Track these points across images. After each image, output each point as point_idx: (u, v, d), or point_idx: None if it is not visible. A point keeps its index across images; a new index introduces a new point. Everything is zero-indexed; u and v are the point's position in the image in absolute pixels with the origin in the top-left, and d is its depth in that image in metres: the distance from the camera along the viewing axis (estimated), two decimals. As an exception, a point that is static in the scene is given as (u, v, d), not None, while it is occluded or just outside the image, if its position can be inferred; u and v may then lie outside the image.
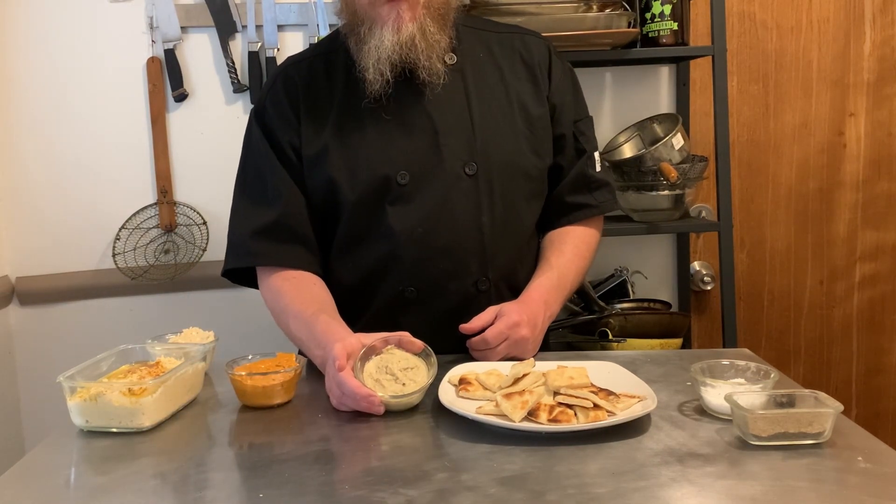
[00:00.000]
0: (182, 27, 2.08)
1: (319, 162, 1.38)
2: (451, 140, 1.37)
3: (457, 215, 1.36)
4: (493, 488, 0.87)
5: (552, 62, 1.48)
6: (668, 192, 1.96)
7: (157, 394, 1.09)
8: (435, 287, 1.37)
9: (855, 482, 0.87)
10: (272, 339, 1.53)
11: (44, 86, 2.08)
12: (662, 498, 0.85)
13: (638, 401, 1.07)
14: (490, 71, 1.44)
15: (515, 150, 1.41)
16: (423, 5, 1.33)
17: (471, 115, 1.39)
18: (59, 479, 0.97)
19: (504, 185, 1.39)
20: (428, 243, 1.35)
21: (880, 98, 2.28)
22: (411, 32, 1.31)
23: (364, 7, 1.33)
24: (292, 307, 1.33)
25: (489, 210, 1.38)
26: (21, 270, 2.12)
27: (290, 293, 1.36)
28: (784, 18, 2.25)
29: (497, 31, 1.49)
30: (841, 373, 2.38)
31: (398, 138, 1.37)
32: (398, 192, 1.35)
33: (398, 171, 1.35)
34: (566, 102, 1.48)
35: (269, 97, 1.43)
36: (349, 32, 1.38)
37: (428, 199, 1.35)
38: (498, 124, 1.40)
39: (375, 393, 1.09)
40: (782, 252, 2.33)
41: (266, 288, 1.41)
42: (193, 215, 2.12)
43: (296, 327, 1.32)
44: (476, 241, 1.37)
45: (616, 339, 1.89)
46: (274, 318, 1.40)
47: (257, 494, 0.88)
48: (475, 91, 1.41)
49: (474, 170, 1.37)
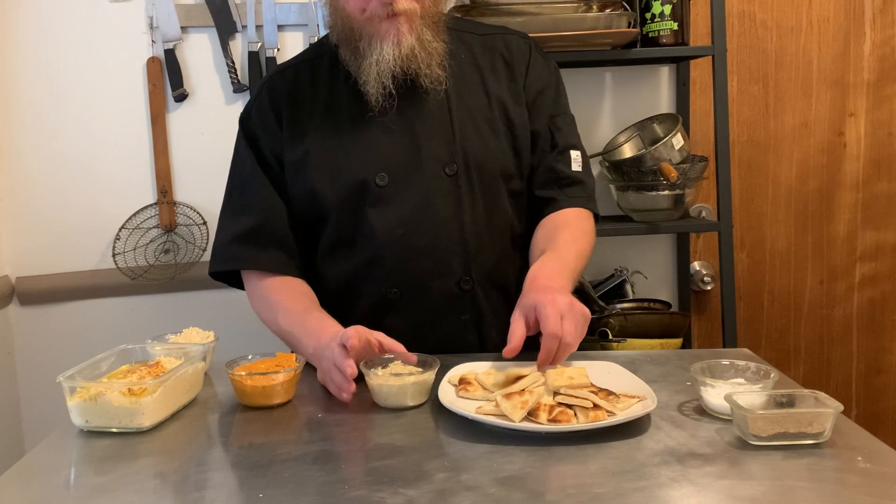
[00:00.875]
0: (182, 27, 2.08)
1: (301, 168, 1.40)
2: (430, 141, 1.38)
3: (437, 216, 1.37)
4: (492, 488, 0.87)
5: (531, 58, 1.47)
6: (668, 192, 1.96)
7: (156, 394, 1.09)
8: (418, 288, 1.37)
9: (855, 482, 0.87)
10: (272, 339, 1.52)
11: (44, 86, 2.08)
12: (662, 498, 0.85)
13: (638, 401, 1.07)
14: (470, 72, 1.44)
15: (496, 149, 1.41)
16: (419, 16, 1.34)
17: (451, 116, 1.39)
18: (59, 479, 0.97)
19: (485, 185, 1.40)
20: (409, 244, 1.36)
21: (880, 98, 2.28)
22: (411, 44, 1.33)
23: (361, 23, 1.34)
24: (283, 304, 1.37)
25: (471, 210, 1.38)
26: (21, 270, 2.12)
27: (279, 292, 1.40)
28: (784, 18, 2.25)
29: (480, 34, 1.49)
30: (841, 373, 2.38)
31: (378, 141, 1.38)
32: (377, 194, 1.37)
33: (377, 174, 1.37)
34: (543, 97, 1.46)
35: (254, 105, 1.47)
36: (343, 45, 1.39)
37: (407, 201, 1.37)
38: (478, 124, 1.41)
39: (355, 371, 1.11)
40: (782, 252, 2.33)
41: (252, 290, 1.45)
42: (193, 215, 2.12)
43: (286, 322, 1.35)
44: (457, 241, 1.38)
45: (616, 339, 1.89)
46: (261, 318, 1.43)
47: (257, 494, 0.89)
48: (455, 92, 1.41)
49: (454, 170, 1.37)
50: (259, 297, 1.43)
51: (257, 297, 1.43)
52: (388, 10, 1.30)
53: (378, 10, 1.30)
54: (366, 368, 1.16)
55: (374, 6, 1.30)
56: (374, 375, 1.14)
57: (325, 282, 1.45)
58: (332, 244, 1.42)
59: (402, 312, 1.38)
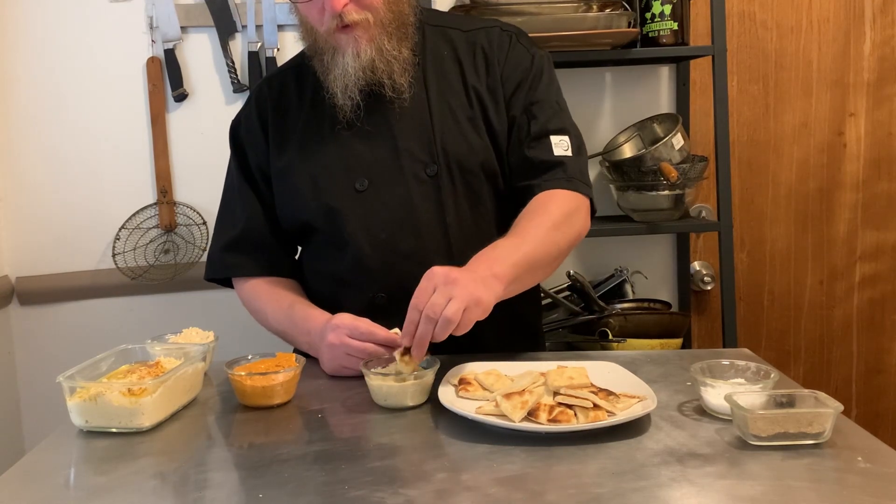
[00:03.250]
0: (182, 27, 2.08)
1: (285, 176, 1.43)
2: (409, 143, 1.38)
3: (419, 218, 1.37)
4: (492, 488, 0.87)
5: (510, 48, 1.42)
6: (668, 192, 1.96)
7: (156, 394, 1.09)
8: (404, 292, 1.34)
9: (855, 482, 0.87)
10: (272, 339, 1.53)
11: (44, 86, 2.08)
12: (662, 498, 0.85)
13: (638, 401, 1.07)
14: (450, 68, 1.43)
15: (479, 147, 1.39)
16: (375, 24, 1.32)
17: (430, 116, 1.39)
18: (59, 479, 0.97)
19: (468, 184, 1.39)
20: (393, 248, 1.37)
21: (880, 98, 2.28)
22: (370, 56, 1.33)
23: (322, 36, 1.35)
24: (269, 305, 1.44)
25: (454, 210, 1.38)
26: (21, 270, 2.12)
27: (265, 293, 1.46)
28: (784, 18, 2.25)
29: (465, 29, 1.46)
30: (841, 373, 2.38)
31: (358, 147, 1.39)
32: (358, 200, 1.38)
33: (357, 179, 1.38)
34: (521, 88, 1.41)
35: (244, 114, 1.51)
36: (314, 56, 1.40)
37: (388, 204, 1.37)
38: (459, 123, 1.40)
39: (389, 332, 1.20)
40: (782, 252, 2.33)
41: (241, 294, 1.51)
42: (193, 215, 2.12)
43: (275, 320, 1.42)
44: (441, 243, 1.37)
45: (616, 339, 1.89)
46: (255, 319, 1.49)
47: (257, 494, 0.88)
48: (436, 91, 1.40)
49: (435, 171, 1.37)
50: (246, 301, 1.50)
51: (245, 300, 1.50)
52: (338, 23, 1.30)
53: (331, 24, 1.31)
54: (366, 369, 1.16)
55: (327, 19, 1.31)
56: (374, 375, 1.14)
57: (312, 288, 1.48)
58: (318, 251, 1.45)
59: (390, 317, 1.35)
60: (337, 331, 1.26)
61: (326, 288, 1.45)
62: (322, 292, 1.45)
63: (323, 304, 1.41)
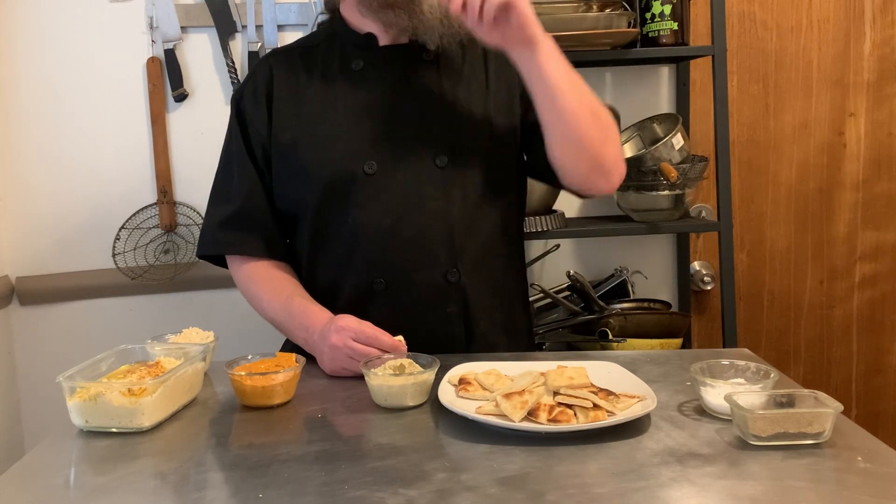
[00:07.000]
0: (182, 27, 2.08)
1: (288, 153, 1.40)
2: (422, 131, 1.37)
3: (425, 206, 1.36)
4: (492, 488, 0.87)
5: None
6: (668, 192, 1.96)
7: (156, 394, 1.09)
8: (404, 279, 1.36)
9: (855, 482, 0.87)
10: (272, 339, 1.53)
11: (44, 86, 2.08)
12: (662, 498, 0.85)
13: (638, 401, 1.07)
14: (471, 58, 1.43)
15: (492, 142, 1.40)
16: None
17: (444, 106, 1.39)
18: (59, 479, 0.97)
19: (477, 178, 1.39)
20: (396, 235, 1.35)
21: (880, 98, 2.28)
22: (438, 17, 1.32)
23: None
24: (266, 293, 1.42)
25: (461, 201, 1.37)
26: (21, 270, 2.12)
27: (261, 278, 1.44)
28: (784, 18, 2.25)
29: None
30: (841, 373, 2.38)
31: (368, 129, 1.38)
32: (365, 183, 1.36)
33: (365, 161, 1.36)
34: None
35: (248, 85, 1.47)
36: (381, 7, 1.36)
37: (395, 190, 1.36)
38: (474, 117, 1.39)
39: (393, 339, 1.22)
40: (782, 252, 2.33)
41: (236, 275, 1.48)
42: (193, 215, 2.12)
43: (272, 309, 1.40)
44: (445, 232, 1.36)
45: (616, 339, 1.89)
46: (249, 303, 1.46)
47: (257, 494, 0.88)
48: (450, 81, 1.40)
49: (445, 162, 1.36)
50: (242, 283, 1.47)
51: (241, 282, 1.47)
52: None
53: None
54: (366, 368, 1.16)
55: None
56: (374, 375, 1.14)
57: (309, 271, 1.45)
58: (317, 233, 1.41)
59: (387, 303, 1.36)
60: (341, 333, 1.25)
61: (325, 270, 1.42)
62: (318, 275, 1.43)
63: (319, 288, 1.41)
